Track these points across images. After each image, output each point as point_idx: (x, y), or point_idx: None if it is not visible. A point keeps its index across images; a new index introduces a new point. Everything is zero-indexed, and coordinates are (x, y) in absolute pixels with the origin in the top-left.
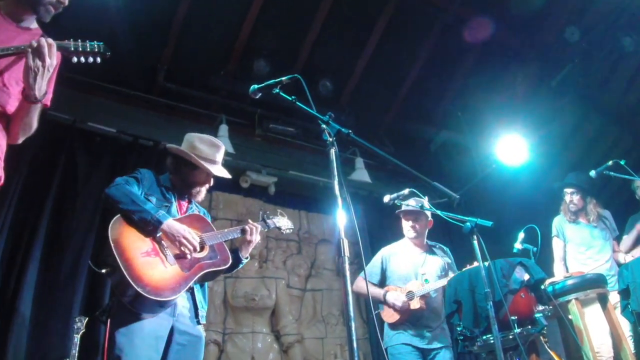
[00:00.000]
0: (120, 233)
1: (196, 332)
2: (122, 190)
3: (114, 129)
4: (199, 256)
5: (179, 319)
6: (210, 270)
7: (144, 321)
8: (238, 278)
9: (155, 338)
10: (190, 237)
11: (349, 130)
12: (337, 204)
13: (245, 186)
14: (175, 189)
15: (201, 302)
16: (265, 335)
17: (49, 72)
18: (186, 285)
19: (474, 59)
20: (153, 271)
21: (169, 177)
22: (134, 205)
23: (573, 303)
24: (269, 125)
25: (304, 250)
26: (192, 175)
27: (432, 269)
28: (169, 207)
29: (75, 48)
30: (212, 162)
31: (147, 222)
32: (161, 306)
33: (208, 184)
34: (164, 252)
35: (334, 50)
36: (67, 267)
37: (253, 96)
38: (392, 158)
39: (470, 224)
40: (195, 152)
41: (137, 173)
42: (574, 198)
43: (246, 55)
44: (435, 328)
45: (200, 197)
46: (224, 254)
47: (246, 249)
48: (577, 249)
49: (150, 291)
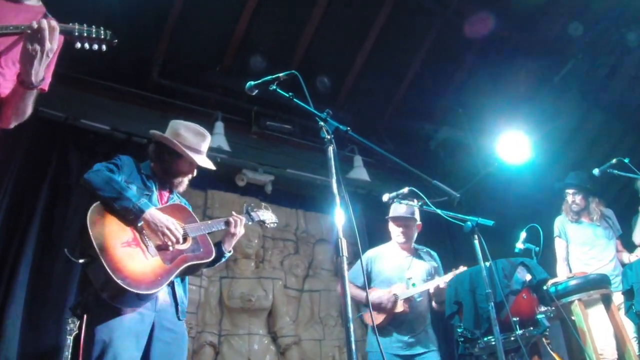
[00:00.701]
0: (100, 221)
1: (179, 328)
2: (102, 176)
3: (108, 126)
4: (181, 248)
5: (161, 314)
6: (193, 263)
7: (123, 317)
8: (234, 278)
9: (136, 335)
10: (173, 227)
11: (347, 128)
12: (335, 203)
13: (241, 185)
14: (156, 178)
15: (182, 297)
16: (262, 337)
17: (48, 58)
18: (168, 278)
19: (474, 54)
20: (134, 263)
21: (150, 165)
22: (114, 192)
23: (576, 304)
24: (266, 122)
25: (302, 250)
26: (175, 164)
27: (419, 272)
28: (150, 196)
29: (80, 33)
30: (197, 151)
31: (128, 210)
32: (141, 300)
33: (191, 174)
34: (145, 243)
35: (332, 45)
36: (59, 266)
37: (249, 93)
38: (391, 156)
39: (471, 224)
40: (179, 139)
41: (117, 159)
42: (576, 198)
43: (242, 51)
44: (419, 332)
45: (182, 187)
46: (207, 246)
47: (229, 242)
48: (580, 248)
49: (130, 283)
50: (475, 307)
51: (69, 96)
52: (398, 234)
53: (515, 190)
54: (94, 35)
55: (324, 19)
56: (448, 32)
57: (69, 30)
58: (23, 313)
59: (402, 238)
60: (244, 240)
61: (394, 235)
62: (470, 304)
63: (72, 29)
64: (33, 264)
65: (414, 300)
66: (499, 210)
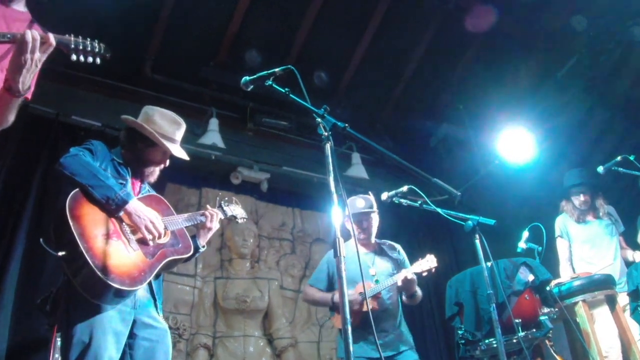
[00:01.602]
0: (79, 210)
1: (160, 324)
2: (80, 161)
3: (99, 123)
4: (161, 242)
5: (140, 311)
6: (173, 258)
7: (103, 315)
8: (229, 279)
9: (116, 334)
10: (157, 222)
11: (345, 124)
12: (332, 201)
13: (236, 183)
14: (129, 166)
15: (158, 292)
16: (257, 339)
17: (37, 67)
18: (151, 273)
19: (476, 49)
20: (117, 257)
21: (120, 151)
22: (94, 179)
23: (580, 305)
24: (262, 118)
25: (298, 250)
26: (147, 152)
27: (382, 268)
28: (124, 185)
29: (76, 45)
30: (171, 140)
31: (109, 200)
32: (123, 297)
33: (163, 164)
34: (127, 236)
35: (329, 39)
36: (49, 266)
37: (245, 88)
38: (390, 153)
39: (472, 223)
40: (153, 127)
41: (89, 144)
42: (586, 198)
43: (237, 46)
44: (392, 331)
45: (153, 177)
46: (185, 241)
47: (204, 237)
48: (582, 247)
49: (115, 279)
50: (477, 309)
51: (60, 92)
52: (358, 231)
53: (517, 189)
54: (89, 48)
55: (322, 12)
56: (449, 26)
57: (66, 43)
58: (13, 312)
59: (362, 234)
60: (239, 239)
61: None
62: (471, 305)
63: (69, 41)
64: (23, 261)
65: (381, 298)
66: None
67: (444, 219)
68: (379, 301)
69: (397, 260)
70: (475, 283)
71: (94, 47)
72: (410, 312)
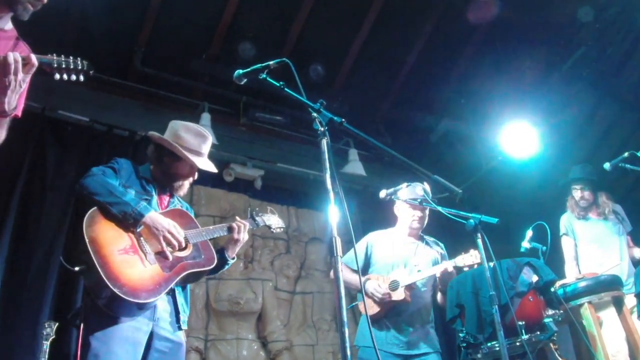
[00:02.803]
0: (96, 227)
1: (177, 338)
2: (99, 180)
3: (87, 118)
4: (181, 255)
5: (159, 324)
6: (194, 270)
7: (121, 325)
8: (221, 280)
9: (133, 344)
10: (175, 232)
11: (342, 119)
12: (329, 199)
13: (229, 180)
14: (155, 181)
15: (183, 305)
16: (251, 342)
17: (21, 87)
18: (167, 286)
19: (478, 41)
20: (131, 270)
21: (149, 167)
22: (112, 197)
23: (586, 307)
24: (255, 113)
25: (293, 250)
26: (174, 167)
27: (425, 259)
28: (149, 201)
29: (59, 64)
30: (198, 153)
31: (127, 215)
32: (140, 309)
33: (192, 177)
34: (144, 250)
35: (326, 31)
36: (35, 267)
37: (238, 82)
38: (388, 149)
39: (474, 221)
40: (179, 142)
41: (114, 163)
42: (585, 193)
43: (230, 37)
44: (419, 329)
45: (183, 191)
46: (208, 253)
47: (233, 249)
48: (588, 246)
49: (127, 292)
50: (478, 311)
51: (46, 86)
52: (415, 219)
53: (521, 186)
54: (72, 66)
55: (318, 2)
56: (450, 16)
57: (48, 62)
58: None
59: (417, 223)
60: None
61: (408, 219)
62: (473, 307)
63: (51, 60)
64: (6, 264)
65: (417, 289)
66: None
67: (444, 218)
68: (412, 292)
69: (440, 254)
70: (477, 284)
71: (76, 64)
72: None
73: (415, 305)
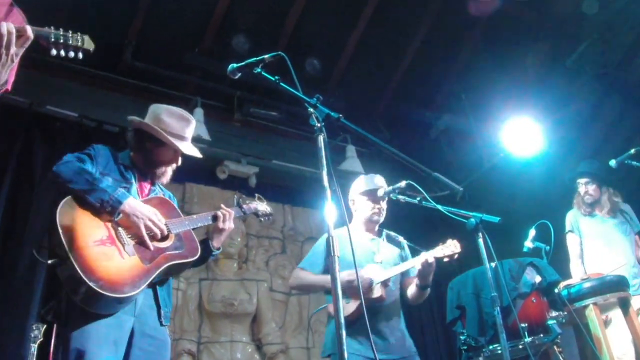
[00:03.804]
0: (71, 217)
1: (161, 335)
2: (73, 167)
3: (76, 113)
4: (162, 246)
5: (141, 319)
6: (176, 262)
7: (100, 322)
8: (215, 280)
9: (114, 342)
10: (156, 219)
11: (339, 115)
12: (325, 197)
13: (222, 177)
14: (136, 168)
15: (165, 300)
16: (245, 345)
17: (13, 62)
18: (147, 279)
19: (479, 34)
20: (108, 263)
21: (129, 154)
22: (87, 184)
23: (591, 308)
24: (250, 109)
25: (289, 249)
26: (157, 152)
27: (389, 257)
28: (129, 188)
29: (57, 39)
30: (181, 137)
31: (104, 202)
32: (119, 303)
33: (175, 163)
34: (122, 241)
35: (322, 24)
36: (22, 268)
37: (232, 76)
38: (387, 146)
39: (475, 220)
40: (161, 126)
41: (90, 149)
42: (589, 188)
43: (224, 31)
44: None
45: (166, 178)
46: (191, 243)
47: (218, 239)
48: (594, 244)
49: (103, 286)
50: (480, 312)
51: (34, 80)
52: (375, 211)
53: (523, 184)
54: (71, 42)
55: None
56: (450, 9)
57: (45, 36)
58: None
59: (377, 216)
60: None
61: (367, 212)
62: (474, 309)
63: (48, 34)
64: None
65: (389, 288)
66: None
67: (444, 217)
68: (386, 290)
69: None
70: (479, 285)
71: (76, 40)
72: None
73: (389, 306)
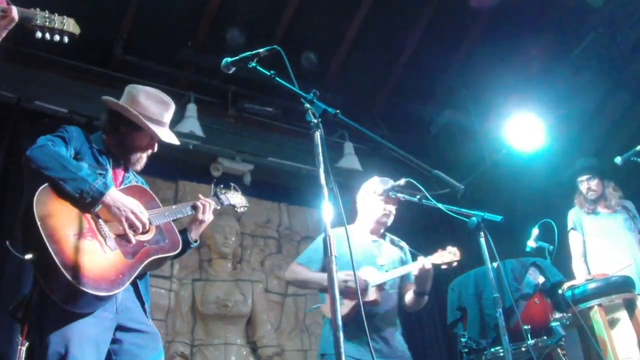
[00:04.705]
0: (48, 208)
1: (150, 328)
2: (49, 152)
3: (65, 109)
4: (144, 239)
5: (124, 316)
6: (158, 256)
7: (80, 322)
8: (208, 281)
9: (96, 344)
10: (139, 212)
11: (336, 110)
12: (322, 196)
13: (216, 175)
14: (110, 154)
15: (145, 295)
16: (239, 347)
17: None
18: (131, 275)
19: (481, 27)
20: (90, 257)
21: (102, 137)
22: (65, 171)
23: (596, 310)
24: (244, 104)
25: (285, 249)
26: (132, 137)
27: (391, 259)
28: (104, 175)
29: (42, 21)
30: (159, 122)
31: (84, 193)
32: (100, 301)
33: (151, 149)
34: (103, 234)
35: (319, 17)
36: (11, 268)
37: (226, 71)
38: (386, 142)
39: (477, 219)
40: (138, 109)
41: (63, 131)
42: (592, 184)
43: (218, 24)
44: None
45: (140, 165)
46: (173, 236)
47: (196, 231)
48: (598, 243)
49: (87, 283)
50: (481, 314)
51: (22, 75)
52: (386, 212)
53: (526, 181)
54: (56, 24)
55: None
56: (451, 1)
57: (30, 17)
58: None
59: (386, 218)
60: (219, 237)
61: (378, 213)
62: (476, 311)
63: (34, 15)
64: None
65: (385, 291)
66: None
67: (445, 215)
68: (382, 294)
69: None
70: (480, 286)
71: (62, 23)
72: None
73: (384, 308)
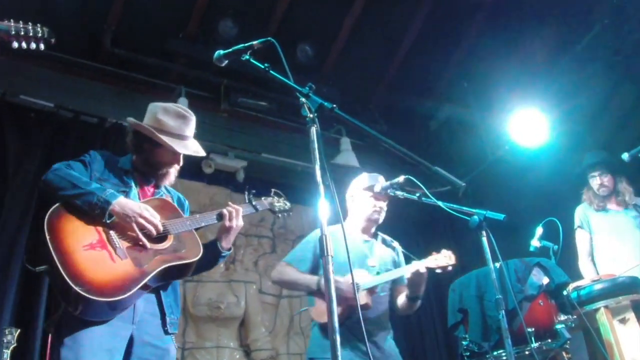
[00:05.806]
0: (59, 223)
1: (164, 344)
2: (61, 174)
3: (52, 103)
4: (159, 247)
5: (142, 327)
6: (175, 264)
7: (93, 329)
8: (200, 282)
9: (109, 351)
10: (149, 214)
11: (333, 105)
12: (319, 193)
13: (208, 172)
14: (137, 172)
15: (171, 306)
16: (232, 351)
17: None
18: (140, 282)
19: (483, 18)
20: (97, 267)
21: (131, 158)
22: (75, 189)
23: (602, 312)
24: (237, 98)
25: (279, 249)
26: (155, 154)
27: (383, 260)
28: (127, 193)
29: (17, 32)
30: (180, 137)
31: (92, 205)
32: (112, 309)
33: (177, 164)
34: (113, 244)
35: (314, 8)
36: None
37: (218, 64)
38: (384, 138)
39: (479, 218)
40: (158, 126)
41: (86, 156)
42: (604, 180)
43: (210, 15)
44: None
45: (169, 180)
46: (192, 244)
47: (227, 239)
48: (607, 241)
49: (90, 290)
50: (483, 316)
51: (6, 68)
52: (376, 209)
53: (530, 178)
54: (32, 33)
55: None
56: None
57: (5, 29)
58: None
59: (377, 215)
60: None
61: (367, 209)
62: (477, 312)
63: (8, 27)
64: None
65: (377, 294)
66: (511, 202)
67: (446, 214)
68: (373, 298)
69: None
70: (482, 287)
71: (36, 32)
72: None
73: (375, 313)
